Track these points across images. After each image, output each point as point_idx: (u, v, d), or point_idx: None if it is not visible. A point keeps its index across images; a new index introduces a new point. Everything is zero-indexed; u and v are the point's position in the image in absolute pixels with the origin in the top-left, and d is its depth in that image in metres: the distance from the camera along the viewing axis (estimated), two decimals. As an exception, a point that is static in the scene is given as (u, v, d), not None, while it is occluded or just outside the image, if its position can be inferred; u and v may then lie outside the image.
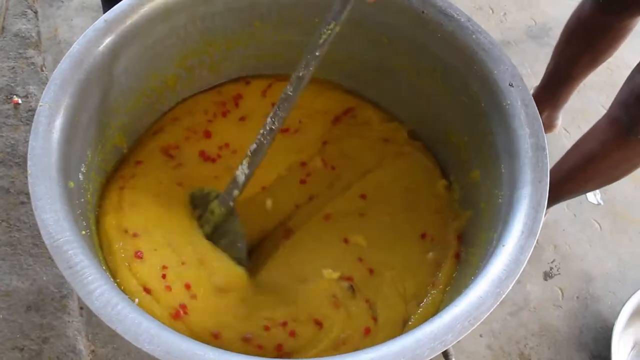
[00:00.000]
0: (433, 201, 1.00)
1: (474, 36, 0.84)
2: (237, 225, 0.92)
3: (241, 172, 0.86)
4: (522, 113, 0.77)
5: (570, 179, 1.13)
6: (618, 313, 1.20)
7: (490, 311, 0.62)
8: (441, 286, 0.87)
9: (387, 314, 0.88)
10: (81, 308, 1.18)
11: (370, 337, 0.85)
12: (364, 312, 0.88)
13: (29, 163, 0.66)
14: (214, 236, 0.92)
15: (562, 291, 1.32)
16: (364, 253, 0.94)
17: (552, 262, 1.36)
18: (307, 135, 1.06)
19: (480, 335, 1.24)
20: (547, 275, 1.34)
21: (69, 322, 1.14)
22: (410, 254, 0.94)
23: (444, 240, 0.94)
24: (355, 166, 1.04)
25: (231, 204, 0.90)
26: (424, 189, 1.01)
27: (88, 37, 0.78)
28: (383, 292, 0.90)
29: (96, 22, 0.79)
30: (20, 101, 1.40)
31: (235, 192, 0.88)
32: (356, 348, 0.83)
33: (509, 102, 0.79)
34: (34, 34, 1.55)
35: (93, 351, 1.15)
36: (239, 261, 0.90)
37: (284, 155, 1.03)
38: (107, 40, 0.80)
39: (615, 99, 1.00)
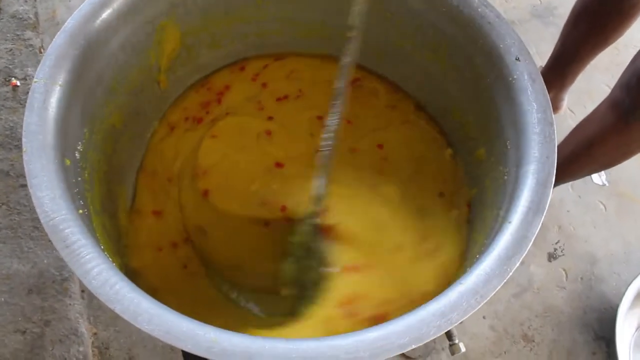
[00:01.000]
0: (441, 172, 1.00)
1: (479, 9, 0.82)
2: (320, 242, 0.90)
3: (319, 186, 0.83)
4: (529, 88, 0.75)
5: (570, 162, 1.12)
6: (622, 294, 1.19)
7: (497, 289, 0.61)
8: None
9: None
10: (82, 291, 1.18)
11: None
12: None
13: (23, 140, 0.65)
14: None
15: (566, 272, 1.31)
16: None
17: (556, 243, 1.35)
18: (312, 99, 1.06)
19: (484, 317, 1.23)
20: (551, 257, 1.33)
21: (70, 305, 1.14)
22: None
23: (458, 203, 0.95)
24: (368, 124, 1.04)
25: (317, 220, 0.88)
26: (431, 159, 1.01)
27: (84, 11, 0.76)
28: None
29: (92, -4, 0.78)
30: (18, 83, 1.39)
31: (320, 207, 0.86)
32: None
33: (515, 76, 0.77)
34: (31, 16, 1.54)
35: (95, 334, 1.15)
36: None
37: (297, 113, 1.04)
38: (104, 15, 0.78)
39: (618, 81, 0.99)
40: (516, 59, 0.77)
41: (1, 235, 1.19)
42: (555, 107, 1.49)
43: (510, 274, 0.62)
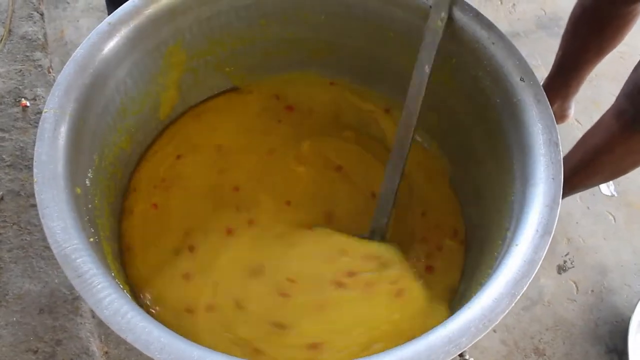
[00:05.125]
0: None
1: (483, 30, 0.83)
2: None
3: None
4: (534, 108, 0.75)
5: (576, 173, 1.12)
6: (634, 306, 1.19)
7: (505, 313, 0.61)
8: None
9: None
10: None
11: None
12: None
13: (35, 171, 0.66)
14: None
15: (576, 285, 1.31)
16: None
17: (565, 256, 1.34)
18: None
19: (494, 331, 1.23)
20: (561, 269, 1.32)
21: (81, 324, 1.15)
22: None
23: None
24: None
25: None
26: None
27: (92, 40, 0.77)
28: None
29: (100, 25, 0.78)
30: (28, 104, 1.40)
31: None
32: None
33: (519, 97, 0.77)
34: (40, 36, 1.55)
35: (106, 352, 1.15)
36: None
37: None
38: (112, 44, 0.79)
39: (621, 91, 0.99)
40: (521, 80, 0.78)
41: (12, 255, 1.20)
42: (562, 116, 1.48)
43: (518, 297, 0.62)
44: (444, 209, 1.00)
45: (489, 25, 0.83)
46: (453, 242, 0.96)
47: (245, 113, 1.08)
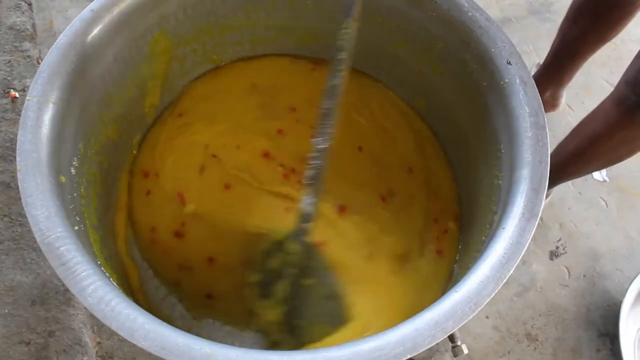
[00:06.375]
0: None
1: (469, 14, 0.82)
2: (319, 259, 0.89)
3: (307, 204, 0.79)
4: (521, 91, 0.75)
5: (572, 160, 1.12)
6: (626, 290, 1.19)
7: (492, 296, 0.61)
8: None
9: None
10: (85, 301, 1.18)
11: None
12: None
13: (17, 159, 0.65)
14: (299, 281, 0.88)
15: (568, 270, 1.31)
16: None
17: (558, 241, 1.34)
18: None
19: (487, 317, 1.23)
20: (553, 255, 1.32)
21: (73, 315, 1.14)
22: None
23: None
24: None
25: (307, 238, 0.85)
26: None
27: (75, 27, 0.76)
28: None
29: (83, 12, 0.78)
30: (17, 95, 1.38)
31: (309, 225, 0.83)
32: None
33: (506, 80, 0.77)
34: (29, 27, 1.54)
35: (99, 343, 1.15)
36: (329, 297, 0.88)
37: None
38: (95, 31, 0.78)
39: (622, 77, 0.98)
40: (507, 63, 0.77)
41: (4, 247, 1.19)
42: (554, 104, 1.48)
43: (505, 280, 0.62)
44: (450, 192, 1.01)
45: (476, 8, 0.82)
46: (455, 225, 0.96)
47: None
